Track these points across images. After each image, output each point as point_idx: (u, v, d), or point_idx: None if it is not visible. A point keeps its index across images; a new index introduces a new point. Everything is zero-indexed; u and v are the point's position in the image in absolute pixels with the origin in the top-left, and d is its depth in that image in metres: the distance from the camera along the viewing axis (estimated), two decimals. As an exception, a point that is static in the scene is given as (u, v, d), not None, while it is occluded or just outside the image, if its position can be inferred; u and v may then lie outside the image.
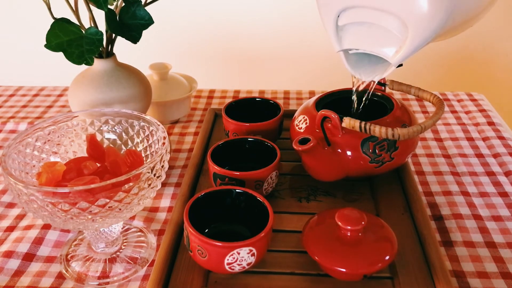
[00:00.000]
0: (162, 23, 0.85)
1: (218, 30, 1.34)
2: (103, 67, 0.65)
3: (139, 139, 0.55)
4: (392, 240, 0.47)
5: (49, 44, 0.58)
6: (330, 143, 0.55)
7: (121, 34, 0.61)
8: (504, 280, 0.51)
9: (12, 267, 0.53)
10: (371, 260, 0.45)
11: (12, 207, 0.62)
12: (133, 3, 0.61)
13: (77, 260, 0.54)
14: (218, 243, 0.43)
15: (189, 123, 0.82)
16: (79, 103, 0.65)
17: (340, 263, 0.45)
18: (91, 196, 0.43)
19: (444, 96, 0.91)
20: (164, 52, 1.34)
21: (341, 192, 0.59)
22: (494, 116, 0.83)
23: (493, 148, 0.73)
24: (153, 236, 0.57)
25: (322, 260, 0.45)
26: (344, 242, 0.46)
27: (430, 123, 0.51)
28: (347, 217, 0.47)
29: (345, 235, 0.46)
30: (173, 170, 0.69)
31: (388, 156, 0.55)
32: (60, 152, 0.55)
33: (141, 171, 0.45)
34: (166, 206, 0.62)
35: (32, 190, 0.43)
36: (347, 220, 0.46)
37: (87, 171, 0.51)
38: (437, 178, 0.67)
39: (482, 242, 0.55)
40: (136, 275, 0.52)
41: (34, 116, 0.85)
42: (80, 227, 0.47)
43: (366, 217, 0.47)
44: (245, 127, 0.63)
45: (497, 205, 0.61)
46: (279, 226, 0.53)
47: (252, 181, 0.53)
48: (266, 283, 0.47)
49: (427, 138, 0.77)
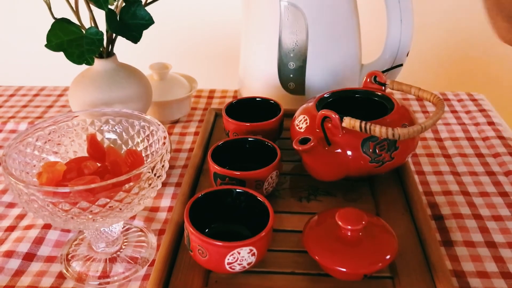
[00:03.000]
0: (162, 23, 0.85)
1: (218, 30, 1.34)
2: (104, 67, 0.65)
3: (139, 139, 0.55)
4: (392, 239, 0.47)
5: (49, 44, 0.58)
6: (330, 143, 0.55)
7: (121, 34, 0.61)
8: (504, 280, 0.51)
9: (13, 267, 0.53)
10: (371, 260, 0.45)
11: (13, 207, 0.62)
12: (133, 3, 0.61)
13: (78, 260, 0.54)
14: (219, 243, 0.43)
15: (189, 123, 0.82)
16: (79, 103, 0.65)
17: (340, 263, 0.45)
18: (91, 196, 0.44)
19: (444, 96, 0.91)
20: (164, 52, 1.34)
21: (341, 192, 0.59)
22: (494, 116, 0.83)
23: (493, 148, 0.73)
24: (154, 236, 0.57)
25: (323, 260, 0.45)
26: (344, 242, 0.46)
27: (430, 123, 0.51)
28: (347, 216, 0.47)
29: (345, 235, 0.46)
30: (174, 170, 0.69)
31: (388, 156, 0.55)
32: (61, 152, 0.55)
33: (141, 171, 0.45)
34: (167, 206, 0.62)
35: (32, 190, 0.43)
36: (347, 219, 0.46)
37: (88, 171, 0.51)
38: (437, 178, 0.67)
39: (482, 242, 0.56)
40: (136, 275, 0.52)
41: (34, 116, 0.85)
42: (80, 227, 0.47)
43: (367, 217, 0.47)
44: (245, 127, 0.63)
45: (497, 205, 0.61)
46: (279, 226, 0.53)
47: (252, 181, 0.53)
48: (266, 283, 0.47)
49: (427, 138, 0.77)
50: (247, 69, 0.80)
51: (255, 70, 0.79)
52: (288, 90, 0.76)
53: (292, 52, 0.73)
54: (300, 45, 0.73)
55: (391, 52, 0.78)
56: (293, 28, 0.72)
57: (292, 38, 0.73)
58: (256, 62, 0.78)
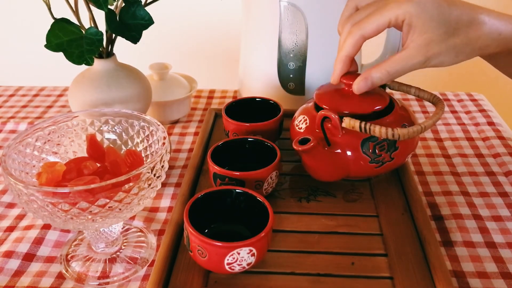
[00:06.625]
0: (162, 23, 0.85)
1: (218, 30, 1.34)
2: (103, 67, 0.65)
3: (139, 139, 0.55)
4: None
5: (49, 44, 0.58)
6: (330, 143, 0.55)
7: (121, 34, 0.61)
8: (504, 280, 0.51)
9: (12, 267, 0.53)
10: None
11: (12, 207, 0.62)
12: (133, 3, 0.61)
13: (77, 260, 0.54)
14: (218, 243, 0.43)
15: (189, 123, 0.82)
16: (79, 103, 0.65)
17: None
18: (91, 196, 0.43)
19: (444, 96, 0.91)
20: (164, 52, 1.34)
21: (341, 192, 0.59)
22: (494, 116, 0.83)
23: (493, 148, 0.73)
24: (153, 236, 0.57)
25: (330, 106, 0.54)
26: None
27: (430, 123, 0.51)
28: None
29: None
30: (173, 170, 0.69)
31: (388, 156, 0.55)
32: (60, 152, 0.55)
33: (141, 171, 0.45)
34: (166, 206, 0.62)
35: (32, 190, 0.43)
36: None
37: (87, 171, 0.51)
38: (437, 178, 0.67)
39: (482, 242, 0.55)
40: (136, 275, 0.52)
41: (34, 116, 0.85)
42: (80, 227, 0.47)
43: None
44: (245, 127, 0.63)
45: (497, 205, 0.61)
46: (279, 226, 0.53)
47: (252, 181, 0.53)
48: (266, 283, 0.47)
49: (427, 138, 0.77)
50: (247, 69, 0.80)
51: (255, 70, 0.79)
52: (287, 90, 0.76)
53: (292, 52, 0.73)
54: (300, 45, 0.73)
55: (391, 52, 0.78)
56: (293, 28, 0.72)
57: (292, 38, 0.73)
58: (256, 63, 0.78)
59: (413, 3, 0.48)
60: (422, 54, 0.49)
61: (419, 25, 0.48)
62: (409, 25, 0.49)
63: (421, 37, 0.49)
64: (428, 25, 0.48)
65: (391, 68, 0.50)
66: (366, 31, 0.51)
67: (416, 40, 0.49)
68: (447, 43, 0.49)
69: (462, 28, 0.49)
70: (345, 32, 0.53)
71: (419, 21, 0.48)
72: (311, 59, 0.74)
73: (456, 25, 0.49)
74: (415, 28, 0.49)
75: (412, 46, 0.49)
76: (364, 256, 0.50)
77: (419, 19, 0.48)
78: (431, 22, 0.48)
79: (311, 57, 0.74)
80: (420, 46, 0.49)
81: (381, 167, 0.56)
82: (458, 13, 0.49)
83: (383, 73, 0.51)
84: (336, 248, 0.50)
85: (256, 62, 0.78)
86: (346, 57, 0.54)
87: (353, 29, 0.51)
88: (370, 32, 0.51)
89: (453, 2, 0.49)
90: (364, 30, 0.51)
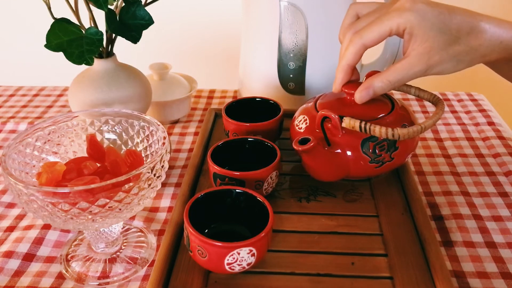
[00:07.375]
0: (162, 23, 0.85)
1: (218, 30, 1.34)
2: (103, 67, 0.65)
3: (139, 139, 0.55)
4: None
5: (49, 44, 0.58)
6: (330, 143, 0.55)
7: (121, 34, 0.61)
8: (504, 280, 0.51)
9: (12, 267, 0.53)
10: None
11: (12, 207, 0.62)
12: (133, 3, 0.61)
13: (77, 260, 0.54)
14: (218, 243, 0.43)
15: (189, 123, 0.82)
16: (79, 103, 0.65)
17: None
18: (91, 196, 0.43)
19: (444, 96, 0.91)
20: (164, 52, 1.34)
21: (341, 192, 0.59)
22: (494, 116, 0.83)
23: (493, 148, 0.73)
24: (153, 236, 0.57)
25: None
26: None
27: (430, 123, 0.51)
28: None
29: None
30: (173, 170, 0.69)
31: (388, 156, 0.55)
32: (60, 152, 0.55)
33: (141, 171, 0.45)
34: (166, 206, 0.62)
35: (32, 190, 0.43)
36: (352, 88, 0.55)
37: (87, 171, 0.51)
38: (437, 178, 0.67)
39: (482, 242, 0.55)
40: (136, 275, 0.52)
41: (34, 116, 0.85)
42: (80, 227, 0.47)
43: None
44: (245, 127, 0.63)
45: (497, 205, 0.61)
46: (279, 226, 0.53)
47: (252, 181, 0.53)
48: (266, 283, 0.47)
49: (427, 138, 0.77)
50: (247, 69, 0.80)
51: (255, 70, 0.78)
52: (288, 90, 0.76)
53: (292, 52, 0.73)
54: (300, 45, 0.73)
55: (391, 52, 0.78)
56: (293, 28, 0.72)
57: (292, 38, 0.73)
58: (256, 62, 0.78)
59: (414, 12, 0.48)
60: (423, 62, 0.49)
61: (420, 34, 0.48)
62: (410, 33, 0.49)
63: (422, 46, 0.49)
64: (429, 33, 0.48)
65: (393, 77, 0.50)
66: (367, 39, 0.51)
67: (417, 49, 0.49)
68: (448, 51, 0.49)
69: (463, 36, 0.49)
70: (346, 40, 0.53)
71: (420, 30, 0.48)
72: (311, 59, 0.74)
73: (457, 33, 0.49)
74: (416, 37, 0.49)
75: (413, 55, 0.49)
76: (364, 256, 0.50)
77: (420, 27, 0.48)
78: (432, 30, 0.48)
79: (311, 57, 0.74)
80: (421, 55, 0.49)
81: (381, 167, 0.56)
82: (459, 21, 0.49)
83: (385, 82, 0.51)
84: (336, 248, 0.50)
85: (256, 62, 0.78)
86: (348, 66, 0.54)
87: (354, 37, 0.51)
88: (371, 41, 0.51)
89: (454, 10, 0.49)
90: (365, 38, 0.51)
